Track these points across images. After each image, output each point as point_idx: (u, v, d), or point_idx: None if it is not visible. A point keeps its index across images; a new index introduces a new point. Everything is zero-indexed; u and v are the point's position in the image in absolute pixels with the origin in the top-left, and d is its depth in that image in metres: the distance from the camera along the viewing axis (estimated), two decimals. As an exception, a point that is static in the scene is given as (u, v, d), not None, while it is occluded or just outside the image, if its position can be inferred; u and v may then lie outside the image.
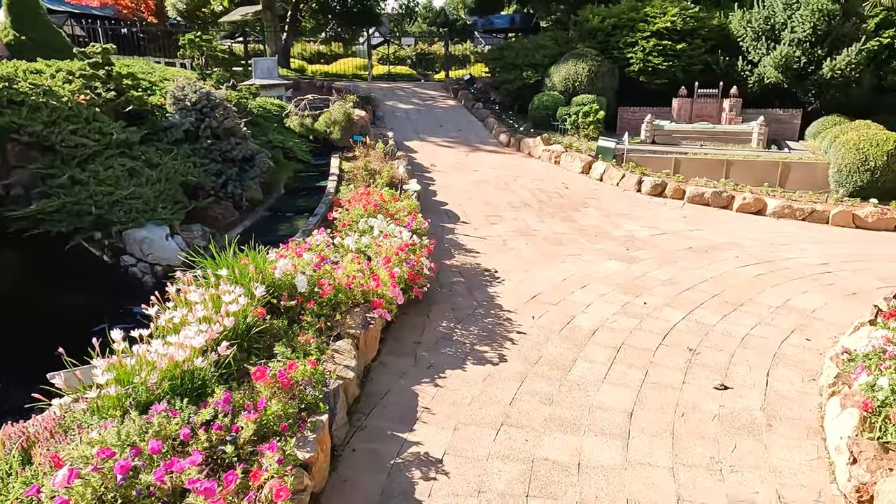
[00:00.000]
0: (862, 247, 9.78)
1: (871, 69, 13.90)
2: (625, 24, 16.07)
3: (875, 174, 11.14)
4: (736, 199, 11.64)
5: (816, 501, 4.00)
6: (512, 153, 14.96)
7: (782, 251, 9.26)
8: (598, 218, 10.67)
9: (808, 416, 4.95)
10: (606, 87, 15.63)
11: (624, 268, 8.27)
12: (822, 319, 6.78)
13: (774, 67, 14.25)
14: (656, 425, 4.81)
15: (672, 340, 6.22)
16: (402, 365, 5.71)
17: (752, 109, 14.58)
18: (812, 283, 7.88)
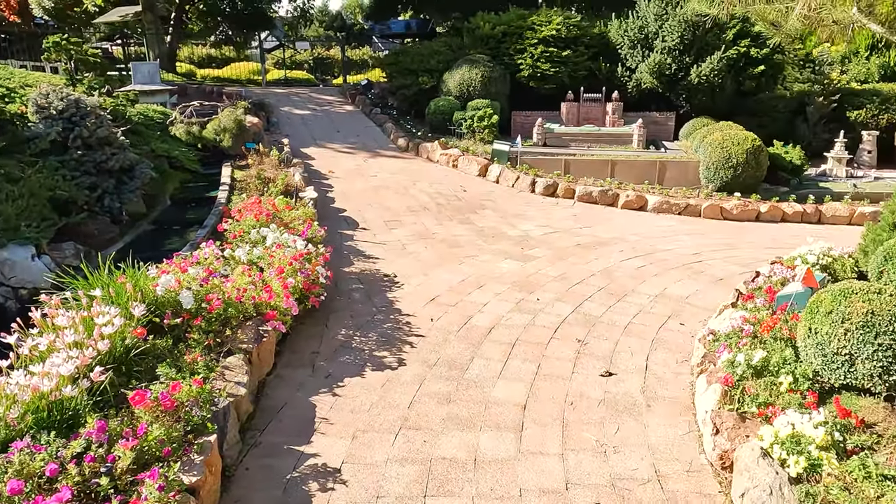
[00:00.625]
0: (729, 236, 10.78)
1: (731, 75, 15.33)
2: (514, 31, 16.69)
3: (737, 170, 12.30)
4: (620, 196, 12.43)
5: (688, 472, 4.37)
6: (411, 158, 15.08)
7: (661, 244, 10.01)
8: (494, 219, 11.00)
9: (682, 395, 5.40)
10: (500, 92, 16.15)
11: (519, 266, 8.59)
12: (695, 305, 7.41)
13: (649, 73, 15.37)
14: (548, 415, 5.05)
15: (563, 333, 6.55)
16: (299, 376, 5.60)
17: (633, 112, 15.62)
18: (686, 272, 8.59)
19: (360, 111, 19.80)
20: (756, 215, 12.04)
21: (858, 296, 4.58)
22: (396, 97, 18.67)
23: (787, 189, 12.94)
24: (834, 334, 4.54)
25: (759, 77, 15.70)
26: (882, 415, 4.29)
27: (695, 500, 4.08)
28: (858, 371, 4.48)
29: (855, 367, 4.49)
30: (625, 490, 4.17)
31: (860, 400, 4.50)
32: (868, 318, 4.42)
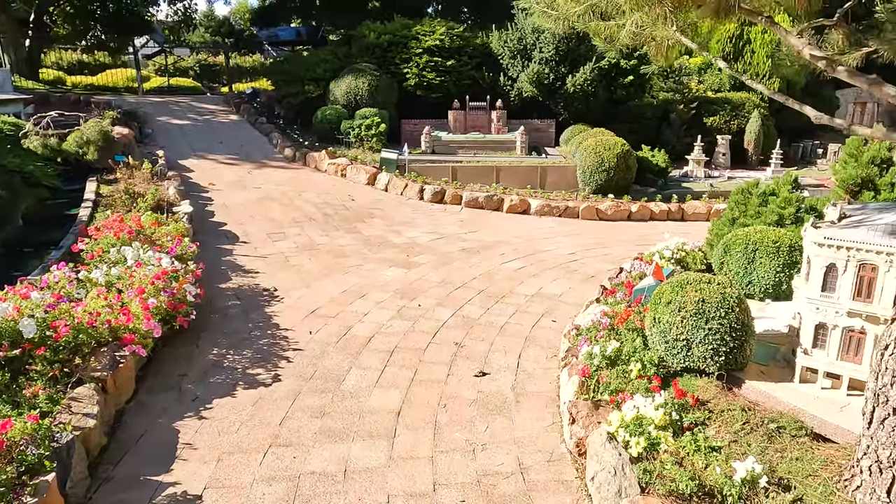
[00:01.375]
0: (603, 235, 11.48)
1: (603, 84, 16.39)
2: (399, 41, 16.86)
3: (610, 173, 13.15)
4: (505, 201, 12.88)
5: (549, 461, 4.61)
6: (298, 168, 14.78)
7: (541, 245, 10.48)
8: (382, 227, 11.03)
9: (549, 389, 5.68)
10: (387, 101, 16.23)
11: (403, 274, 8.67)
12: (567, 302, 7.83)
13: (529, 83, 16.08)
14: (421, 420, 5.13)
15: (441, 337, 6.68)
16: (163, 401, 5.31)
17: (516, 120, 16.27)
18: (562, 271, 9.06)
19: (245, 120, 19.13)
20: (628, 215, 12.91)
21: (692, 286, 5.05)
22: (283, 106, 18.24)
23: (654, 189, 14.00)
24: (673, 322, 4.97)
25: (629, 86, 16.89)
26: (713, 392, 4.75)
27: (554, 487, 4.31)
28: (695, 354, 4.94)
29: (692, 351, 4.94)
30: (490, 485, 4.32)
31: (697, 381, 4.95)
32: (700, 306, 4.89)
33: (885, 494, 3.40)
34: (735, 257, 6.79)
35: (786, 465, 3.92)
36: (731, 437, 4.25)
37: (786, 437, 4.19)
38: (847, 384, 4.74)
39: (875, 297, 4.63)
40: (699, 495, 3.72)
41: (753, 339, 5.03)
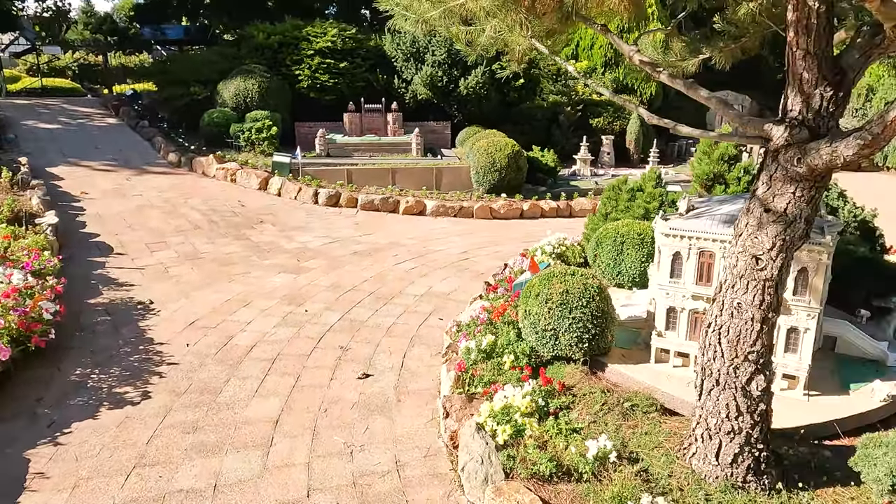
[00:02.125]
0: (495, 233, 11.83)
1: (495, 87, 16.88)
2: (290, 41, 16.50)
3: (502, 173, 13.58)
4: (401, 203, 12.95)
5: (425, 457, 4.70)
6: (184, 174, 14.08)
7: (434, 245, 10.63)
8: (273, 233, 10.74)
9: (431, 386, 5.78)
10: (279, 103, 15.83)
11: (292, 279, 8.49)
12: (456, 300, 8.00)
13: (423, 85, 16.27)
14: (300, 426, 5.06)
15: (327, 342, 6.62)
16: (12, 430, 4.88)
17: (412, 122, 16.40)
18: (452, 270, 9.24)
19: (125, 124, 17.95)
20: (520, 213, 13.38)
21: (557, 278, 5.33)
22: (167, 109, 17.29)
23: (545, 188, 14.60)
24: (541, 314, 5.23)
25: (521, 89, 17.51)
26: (579, 377, 5.04)
27: (428, 481, 4.40)
28: (562, 343, 5.21)
29: (559, 339, 5.22)
30: (365, 486, 4.34)
31: (565, 367, 5.23)
32: (564, 297, 5.17)
33: (714, 458, 3.77)
34: (606, 250, 7.23)
35: (636, 440, 4.24)
36: (591, 417, 4.53)
37: (638, 414, 4.52)
38: (694, 362, 5.19)
39: (714, 280, 5.09)
40: (559, 475, 3.94)
41: (614, 325, 5.39)
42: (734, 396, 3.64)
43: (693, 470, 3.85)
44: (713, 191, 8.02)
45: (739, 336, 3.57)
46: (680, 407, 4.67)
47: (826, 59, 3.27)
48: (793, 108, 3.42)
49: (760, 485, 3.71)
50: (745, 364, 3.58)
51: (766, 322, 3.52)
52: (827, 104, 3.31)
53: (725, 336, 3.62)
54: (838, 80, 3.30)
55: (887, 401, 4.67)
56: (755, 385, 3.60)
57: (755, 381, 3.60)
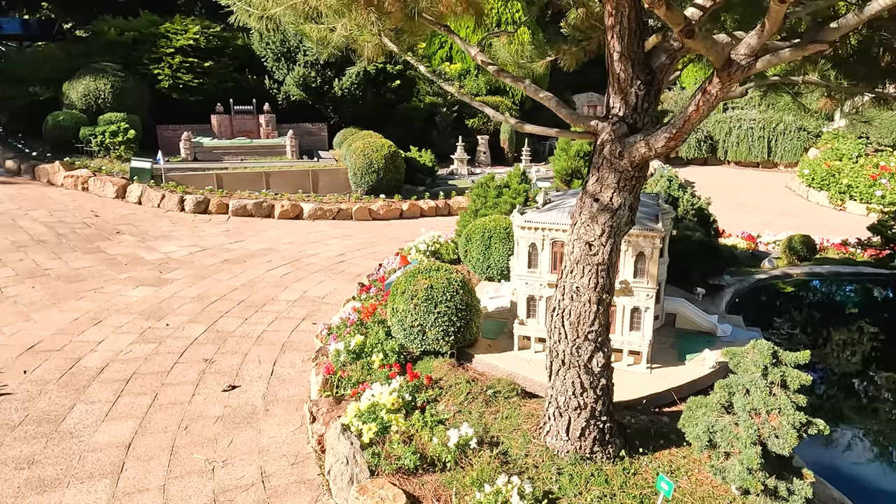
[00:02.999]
0: (375, 235, 11.80)
1: (372, 88, 16.82)
2: (147, 38, 15.38)
3: (380, 174, 13.57)
4: (276, 207, 12.53)
5: (293, 464, 4.58)
6: (25, 183, 12.67)
7: (311, 249, 10.41)
8: (132, 244, 9.97)
9: (302, 392, 5.65)
10: (138, 105, 14.71)
11: (153, 293, 7.93)
12: (330, 303, 7.87)
13: (296, 86, 15.86)
14: (156, 448, 4.73)
15: (190, 356, 6.25)
16: None
17: (287, 124, 15.92)
18: (328, 273, 9.09)
19: (-48, 129, 15.82)
20: (400, 213, 13.46)
21: (422, 274, 5.41)
22: (3, 111, 15.45)
23: (424, 188, 14.80)
24: (408, 310, 5.28)
25: (397, 90, 17.58)
26: (446, 370, 5.16)
27: (295, 489, 4.30)
28: (429, 337, 5.30)
29: (426, 334, 5.30)
30: (227, 501, 4.15)
31: (434, 361, 5.33)
32: (429, 293, 5.26)
33: (565, 434, 4.02)
34: (475, 245, 7.45)
35: (498, 424, 4.42)
36: (456, 408, 4.65)
37: (500, 400, 4.71)
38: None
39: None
40: (423, 466, 4.00)
41: (479, 317, 5.58)
42: (578, 374, 3.90)
43: (547, 447, 4.08)
44: (572, 185, 8.55)
45: (580, 318, 3.83)
46: (539, 389, 4.93)
47: (638, 60, 3.59)
48: (614, 106, 3.73)
49: (606, 454, 4.00)
50: (585, 343, 3.85)
51: (602, 303, 3.81)
52: (641, 101, 3.64)
53: (568, 319, 3.87)
54: (650, 79, 3.64)
55: (715, 367, 5.23)
56: (595, 362, 3.88)
57: (595, 358, 3.88)
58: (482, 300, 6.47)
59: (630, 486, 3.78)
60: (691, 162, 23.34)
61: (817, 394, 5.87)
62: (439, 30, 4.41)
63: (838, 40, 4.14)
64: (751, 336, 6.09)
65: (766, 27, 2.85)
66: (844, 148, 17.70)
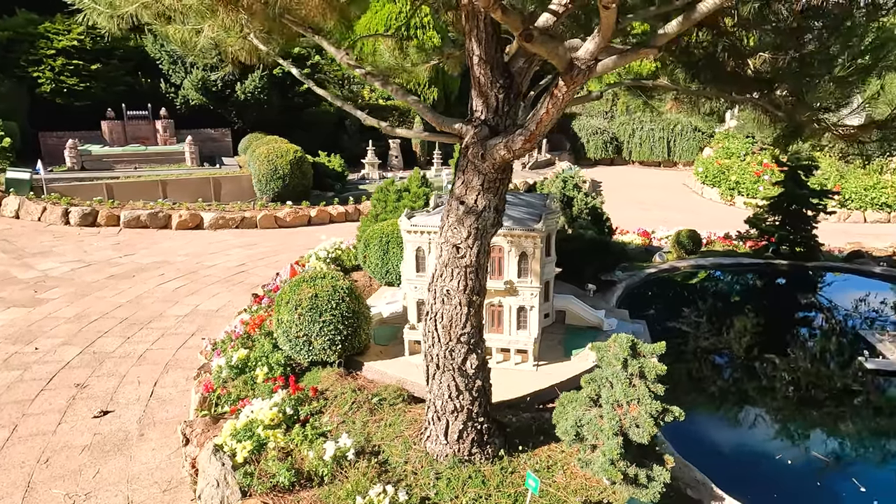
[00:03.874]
0: (280, 243, 11.44)
1: (278, 92, 16.36)
2: (24, 38, 14.22)
3: (285, 180, 13.19)
4: (174, 217, 11.90)
5: (165, 490, 4.31)
6: None
7: (210, 260, 9.94)
8: (4, 263, 9.15)
9: (183, 412, 5.34)
10: (15, 110, 13.57)
11: (23, 314, 7.29)
12: (224, 316, 7.53)
13: (195, 90, 15.18)
14: (10, 486, 4.32)
15: (60, 381, 5.78)
16: None
17: (187, 130, 15.20)
18: (226, 285, 8.71)
19: None
20: (308, 220, 13.13)
21: (307, 283, 5.26)
22: None
23: (333, 193, 14.53)
24: (292, 320, 5.11)
25: (305, 94, 17.19)
26: (333, 380, 5.03)
27: (165, 518, 4.04)
28: (316, 348, 5.16)
29: (313, 345, 5.15)
30: (86, 538, 3.84)
31: (323, 372, 5.19)
32: (313, 301, 5.12)
33: (443, 437, 4.00)
34: (374, 250, 7.36)
35: (381, 433, 4.35)
36: (340, 418, 4.54)
37: (386, 407, 4.64)
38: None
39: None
40: (300, 482, 3.86)
41: (368, 323, 5.49)
42: (453, 377, 3.89)
43: (427, 452, 4.05)
44: (471, 187, 8.63)
45: (451, 321, 3.83)
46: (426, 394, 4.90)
47: (497, 64, 3.64)
48: (476, 109, 3.76)
49: (485, 455, 4.02)
50: (458, 346, 3.85)
51: (472, 305, 3.82)
52: (502, 104, 3.69)
53: (440, 322, 3.86)
54: (509, 83, 3.69)
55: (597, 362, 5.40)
56: (470, 364, 3.89)
57: (469, 360, 3.89)
58: (378, 306, 6.39)
59: (506, 486, 3.81)
60: (599, 163, 24.30)
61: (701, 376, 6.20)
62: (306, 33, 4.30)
63: (687, 46, 4.39)
64: (634, 329, 6.35)
65: (602, 32, 2.95)
66: (734, 147, 18.97)
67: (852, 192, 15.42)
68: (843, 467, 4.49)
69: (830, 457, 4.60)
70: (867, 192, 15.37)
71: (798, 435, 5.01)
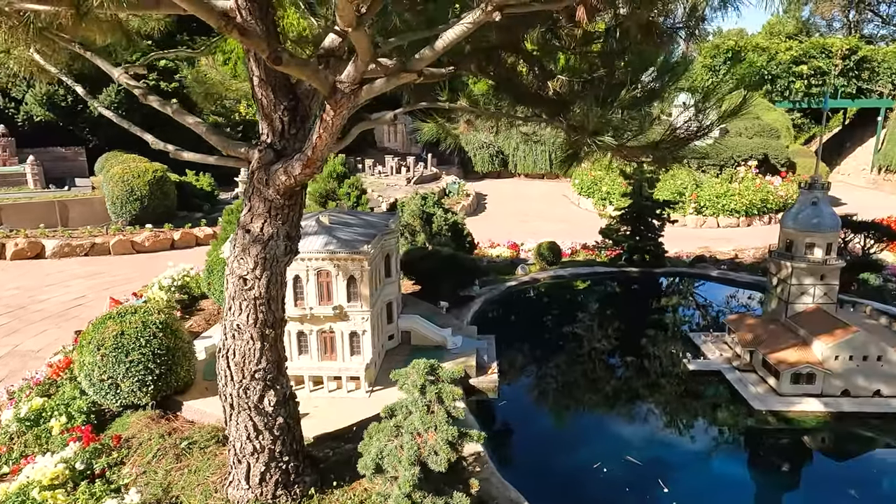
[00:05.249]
0: (136, 270, 10.58)
1: (136, 107, 15.29)
2: None
3: (144, 202, 12.29)
4: (8, 246, 10.72)
5: (-81, 574, 3.71)
6: None
7: (46, 293, 9.00)
8: None
9: (-34, 474, 4.69)
10: None
11: None
12: (43, 358, 6.77)
13: (40, 105, 13.88)
14: None
15: None
16: None
17: (32, 149, 13.81)
18: (56, 321, 7.88)
19: None
20: (171, 243, 12.30)
21: (113, 320, 4.81)
22: None
23: (202, 214, 13.73)
24: (95, 362, 4.64)
25: (173, 109, 16.19)
26: (143, 424, 4.61)
27: None
28: (124, 391, 4.71)
29: (120, 388, 4.70)
30: None
31: (133, 416, 4.75)
32: (119, 340, 4.67)
33: (245, 481, 3.74)
34: (218, 277, 6.94)
35: (184, 480, 4.00)
36: (142, 468, 4.14)
37: (195, 451, 4.30)
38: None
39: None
40: (77, 549, 3.45)
41: (188, 359, 5.10)
42: (250, 417, 3.65)
43: (229, 500, 3.77)
44: (327, 206, 8.41)
45: (244, 357, 3.59)
46: (245, 432, 4.60)
47: (280, 85, 3.47)
48: (262, 132, 3.57)
49: (292, 496, 3.80)
50: (253, 383, 3.62)
51: (266, 339, 3.61)
52: (288, 127, 3.53)
53: (233, 359, 3.61)
54: (294, 104, 3.54)
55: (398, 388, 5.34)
56: (267, 402, 3.67)
57: (267, 397, 3.66)
58: (215, 336, 6.00)
59: (310, 528, 3.61)
60: (487, 175, 24.87)
61: (544, 387, 6.31)
62: (70, 46, 3.94)
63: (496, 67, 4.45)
64: (479, 345, 6.39)
65: (360, 55, 2.87)
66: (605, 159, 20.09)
67: (706, 200, 16.73)
68: (654, 469, 4.69)
69: (644, 460, 4.79)
70: (719, 200, 16.74)
71: (620, 439, 5.20)
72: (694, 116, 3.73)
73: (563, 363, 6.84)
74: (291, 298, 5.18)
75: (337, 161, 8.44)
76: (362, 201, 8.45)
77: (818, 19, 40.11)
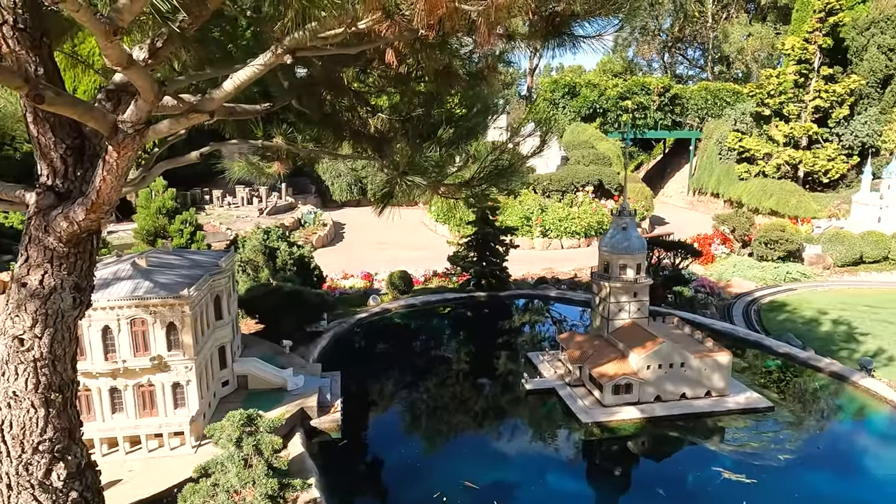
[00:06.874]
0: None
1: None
2: None
3: (-67, 245, 10.53)
4: None
5: None
6: None
7: None
8: None
9: None
10: None
11: None
12: None
13: None
14: None
15: None
16: None
17: None
18: None
19: None
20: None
21: None
22: None
23: (11, 257, 12.06)
24: None
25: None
26: None
27: None
28: None
29: None
30: None
31: None
32: None
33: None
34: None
35: (-48, 582, 3.38)
36: None
37: (-29, 543, 3.67)
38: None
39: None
40: None
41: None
42: (34, 496, 3.20)
43: None
44: (156, 244, 7.80)
45: (24, 428, 3.15)
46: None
47: (61, 123, 3.15)
48: (41, 173, 3.21)
49: (91, 579, 3.37)
50: (36, 457, 3.19)
51: (52, 405, 3.21)
52: (72, 168, 3.21)
53: (9, 432, 3.15)
54: (79, 143, 3.23)
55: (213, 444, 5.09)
56: (56, 476, 3.25)
57: (55, 471, 3.24)
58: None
59: None
60: (346, 204, 24.72)
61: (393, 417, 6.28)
62: None
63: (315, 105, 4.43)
64: (322, 383, 6.23)
65: (142, 95, 2.70)
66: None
67: (551, 223, 17.99)
68: (492, 492, 4.83)
69: (482, 484, 4.93)
70: (562, 223, 18.08)
71: (460, 465, 5.32)
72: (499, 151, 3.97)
73: (408, 395, 6.87)
74: (101, 352, 4.69)
75: (167, 196, 7.86)
76: (197, 238, 7.94)
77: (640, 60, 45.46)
